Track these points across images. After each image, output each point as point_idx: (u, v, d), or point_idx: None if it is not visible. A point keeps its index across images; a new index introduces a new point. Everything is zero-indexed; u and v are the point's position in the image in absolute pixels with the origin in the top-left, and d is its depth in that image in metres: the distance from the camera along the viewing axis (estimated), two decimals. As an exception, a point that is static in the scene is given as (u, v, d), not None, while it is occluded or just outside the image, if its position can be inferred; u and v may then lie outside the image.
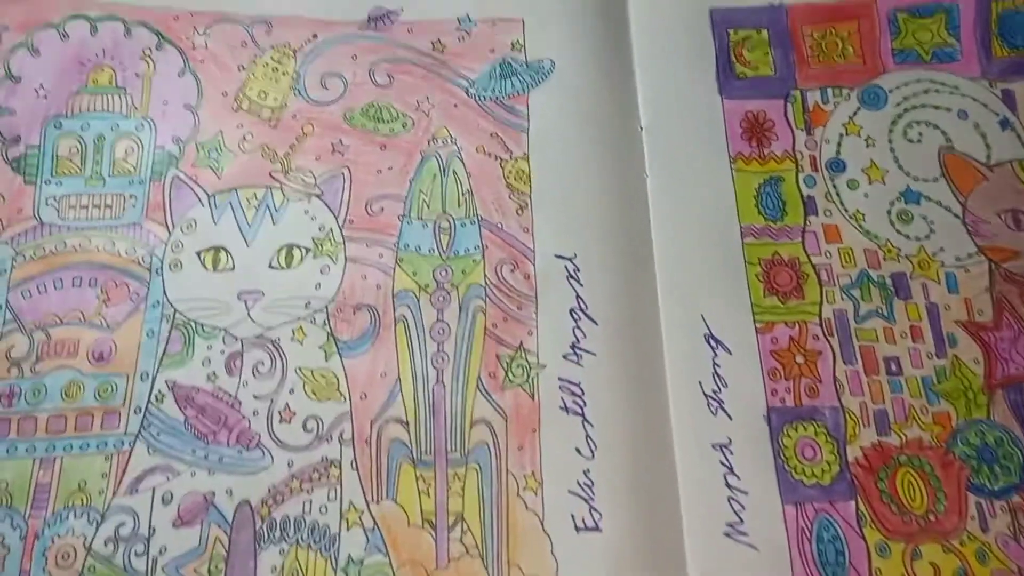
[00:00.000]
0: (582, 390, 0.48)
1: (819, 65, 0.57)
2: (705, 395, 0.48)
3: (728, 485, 0.47)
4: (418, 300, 0.50)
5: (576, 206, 0.52)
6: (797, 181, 0.54)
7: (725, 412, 0.48)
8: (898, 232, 0.53)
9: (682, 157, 0.53)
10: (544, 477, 0.47)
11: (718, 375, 0.49)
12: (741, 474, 0.47)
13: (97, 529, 0.46)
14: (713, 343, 0.49)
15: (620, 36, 0.56)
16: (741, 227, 0.52)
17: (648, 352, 0.49)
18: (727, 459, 0.47)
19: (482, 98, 0.55)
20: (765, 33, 0.57)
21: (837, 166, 0.54)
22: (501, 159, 0.53)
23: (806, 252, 0.52)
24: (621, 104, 0.54)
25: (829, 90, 0.56)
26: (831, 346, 0.50)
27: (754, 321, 0.50)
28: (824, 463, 0.48)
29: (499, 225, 0.52)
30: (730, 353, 0.49)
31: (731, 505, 0.46)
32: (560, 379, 0.48)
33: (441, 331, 0.50)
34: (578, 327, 0.49)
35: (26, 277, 0.51)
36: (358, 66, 0.55)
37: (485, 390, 0.48)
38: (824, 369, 0.50)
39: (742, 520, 0.46)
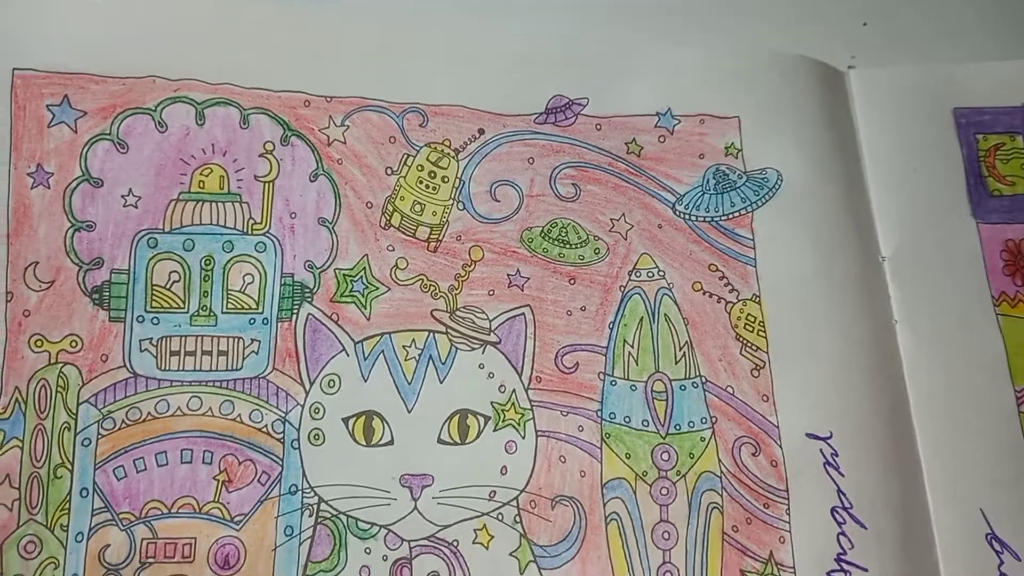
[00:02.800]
0: (856, 621, 0.38)
1: (1086, 182, 0.47)
2: (993, 617, 0.39)
3: None
4: (634, 492, 0.39)
5: (824, 365, 0.42)
6: (1074, 331, 0.44)
7: (1019, 641, 0.38)
8: None
9: (936, 297, 0.43)
10: None
11: (1007, 590, 0.39)
12: None
13: None
14: (998, 546, 0.40)
15: (848, 142, 0.45)
16: (1016, 392, 0.42)
17: (924, 563, 0.39)
18: None
19: (694, 218, 0.44)
20: (1020, 140, 0.47)
21: (1115, 313, 0.44)
22: (726, 300, 0.42)
23: (1092, 423, 0.43)
24: (858, 228, 0.44)
25: (1099, 214, 0.46)
26: None
27: (1042, 516, 0.41)
28: None
29: (730, 390, 0.41)
30: (1019, 559, 0.40)
31: None
32: (828, 605, 0.38)
33: (666, 535, 0.39)
34: (843, 533, 0.39)
35: (118, 449, 0.39)
36: (535, 172, 0.44)
37: (732, 618, 0.38)
38: None
39: None
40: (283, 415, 0.40)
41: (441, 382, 0.41)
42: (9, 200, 0.40)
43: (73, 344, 0.40)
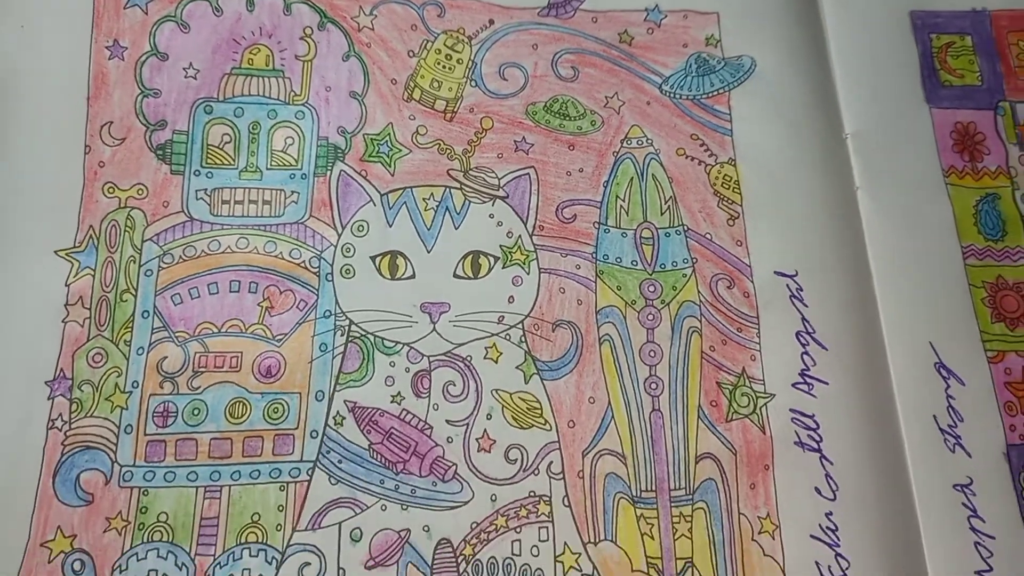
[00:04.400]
0: (817, 423, 0.43)
1: (1029, 76, 0.53)
2: (941, 430, 0.44)
3: (973, 529, 0.42)
4: (624, 317, 0.45)
5: (792, 218, 0.47)
6: (1015, 199, 0.50)
7: (964, 449, 0.44)
8: (1123, 258, 0.49)
9: (893, 168, 0.49)
10: (782, 519, 0.42)
11: (953, 408, 0.45)
12: (986, 516, 0.43)
13: (278, 570, 0.40)
14: (945, 373, 0.45)
15: (816, 36, 0.52)
16: (962, 247, 0.48)
17: (880, 383, 0.45)
18: (969, 500, 0.43)
19: (678, 96, 0.50)
20: (969, 40, 0.53)
21: (1054, 185, 0.50)
22: (705, 163, 0.48)
23: (1031, 276, 0.48)
24: (824, 109, 0.50)
25: (1041, 103, 0.52)
26: (1067, 379, 0.46)
27: (985, 349, 0.46)
28: (1072, 507, 0.43)
29: (708, 236, 0.47)
30: (963, 384, 0.45)
31: (978, 551, 0.42)
32: (792, 411, 0.43)
33: (652, 353, 0.45)
34: (807, 352, 0.44)
35: (176, 279, 0.45)
36: (539, 56, 0.50)
37: (708, 421, 0.43)
38: (1063, 404, 0.45)
39: (991, 567, 0.42)
40: (318, 253, 0.46)
41: (456, 228, 0.47)
42: (90, 69, 0.47)
43: (139, 192, 0.46)
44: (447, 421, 0.43)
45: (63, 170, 0.45)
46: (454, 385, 0.44)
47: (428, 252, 0.46)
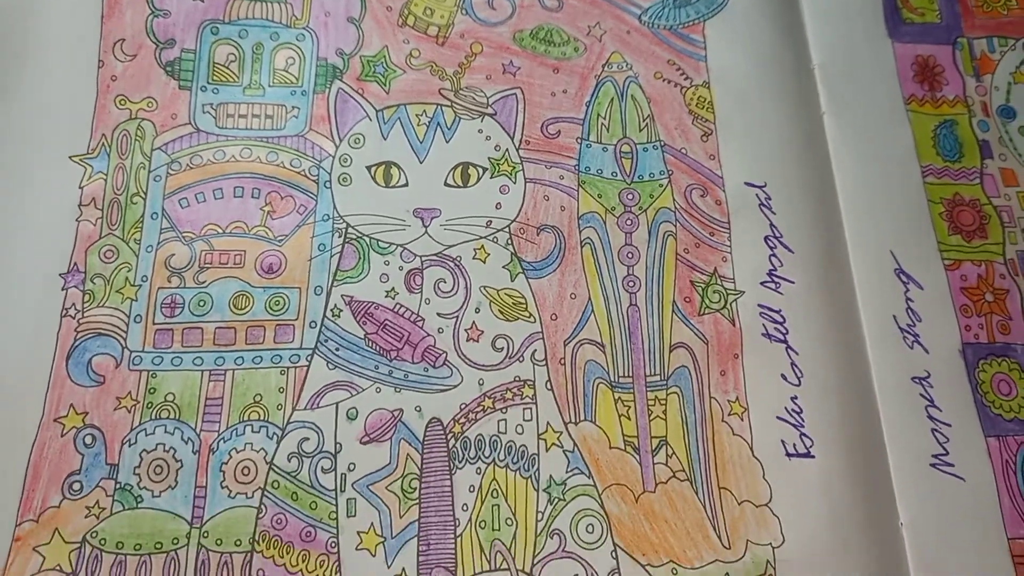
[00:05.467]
0: (783, 317, 0.46)
1: (984, 16, 0.57)
2: (901, 329, 0.47)
3: (930, 417, 0.45)
4: (604, 223, 0.48)
5: (761, 136, 0.51)
6: (971, 125, 0.53)
7: (922, 346, 0.47)
8: (1072, 179, 0.52)
9: (857, 96, 0.52)
10: (750, 402, 0.45)
11: (911, 310, 0.48)
12: (942, 406, 0.46)
13: (278, 445, 0.43)
14: (904, 278, 0.48)
15: (784, -26, 0.55)
16: (922, 166, 0.51)
17: (842, 284, 0.48)
18: (927, 392, 0.46)
19: (656, 26, 0.53)
20: (930, -21, 0.57)
21: (1007, 113, 0.54)
22: (681, 86, 0.51)
23: (986, 194, 0.52)
24: (793, 41, 0.53)
25: (995, 39, 0.56)
26: (1018, 285, 0.49)
27: (942, 258, 0.49)
28: (1020, 398, 0.47)
29: (683, 151, 0.50)
30: (921, 288, 0.48)
31: (935, 437, 0.45)
32: (760, 306, 0.47)
33: (630, 255, 0.48)
34: (774, 254, 0.48)
35: (183, 185, 0.48)
36: (526, -12, 0.53)
37: (682, 314, 0.46)
38: (1013, 307, 0.49)
39: (947, 451, 0.45)
40: (317, 163, 0.49)
41: (447, 142, 0.50)
42: (103, -10, 0.50)
43: (149, 104, 0.49)
44: (438, 314, 0.46)
45: (78, 83, 0.48)
46: (444, 282, 0.47)
47: (420, 163, 0.49)
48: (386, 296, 0.46)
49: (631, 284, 0.47)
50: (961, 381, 0.47)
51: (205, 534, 0.41)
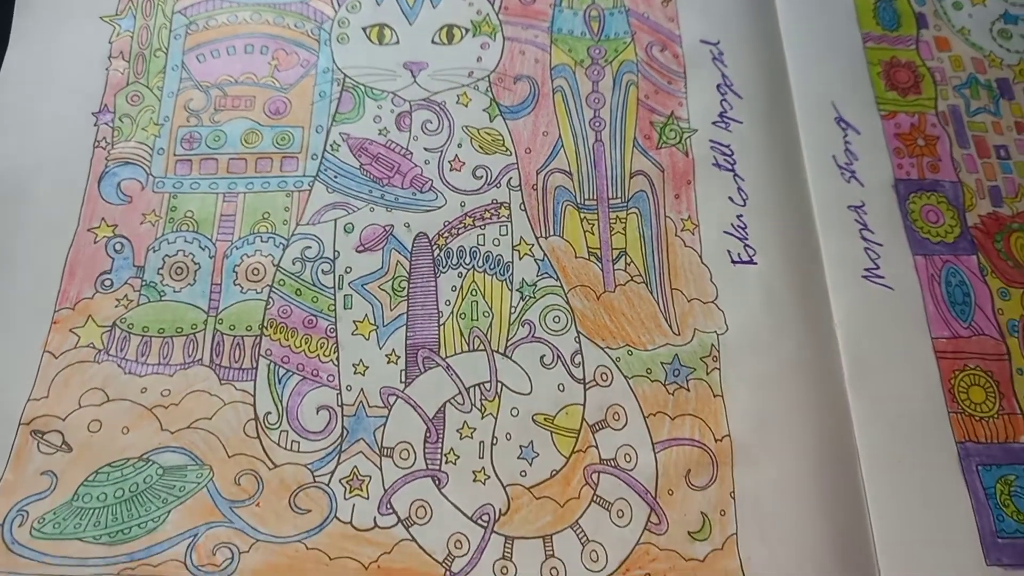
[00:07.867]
0: (732, 150, 0.52)
1: None
2: (839, 167, 0.53)
3: (863, 238, 0.51)
4: (574, 73, 0.54)
5: (715, 3, 0.56)
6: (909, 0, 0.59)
7: (857, 180, 0.53)
8: (1000, 46, 0.58)
9: (814, 30, 0.57)
10: (700, 220, 0.50)
11: (850, 151, 0.53)
12: (875, 229, 0.51)
13: (284, 251, 0.49)
14: (843, 125, 0.54)
15: None
16: (862, 33, 0.57)
17: (786, 127, 0.53)
18: (861, 217, 0.52)
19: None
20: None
21: (941, -12, 0.59)
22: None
23: (921, 57, 0.57)
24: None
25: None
26: (947, 133, 0.55)
27: (878, 109, 0.55)
28: (947, 226, 0.52)
29: (646, 15, 0.56)
30: (859, 133, 0.54)
31: (867, 254, 0.51)
32: (711, 141, 0.52)
33: (597, 100, 0.54)
34: (725, 100, 0.53)
35: (200, 43, 0.54)
36: None
37: (641, 148, 0.52)
38: (943, 151, 0.54)
39: (878, 266, 0.50)
40: (319, 24, 0.56)
41: (434, 8, 0.56)
42: None
43: (170, -27, 0.56)
44: (425, 148, 0.52)
45: (107, -45, 0.55)
46: (431, 123, 0.53)
47: (410, 24, 0.55)
48: (379, 134, 0.52)
49: (597, 124, 0.53)
50: (892, 209, 0.52)
51: (220, 321, 0.47)
